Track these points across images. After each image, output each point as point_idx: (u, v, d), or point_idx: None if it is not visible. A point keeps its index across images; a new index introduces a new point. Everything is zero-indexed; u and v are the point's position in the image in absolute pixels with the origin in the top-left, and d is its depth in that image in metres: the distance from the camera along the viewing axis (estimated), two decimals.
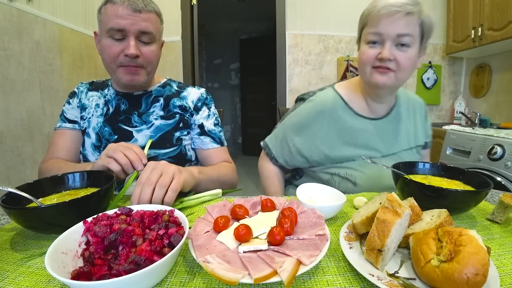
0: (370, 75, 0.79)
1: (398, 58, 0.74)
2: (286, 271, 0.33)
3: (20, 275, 0.39)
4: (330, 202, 0.58)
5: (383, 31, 0.74)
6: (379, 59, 0.75)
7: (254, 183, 3.58)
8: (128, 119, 0.89)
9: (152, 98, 0.92)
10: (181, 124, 0.91)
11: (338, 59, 2.56)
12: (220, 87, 5.30)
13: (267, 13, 3.88)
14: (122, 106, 0.90)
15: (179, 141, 0.90)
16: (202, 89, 1.00)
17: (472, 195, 0.52)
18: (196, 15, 2.51)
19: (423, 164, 0.69)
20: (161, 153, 0.87)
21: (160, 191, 0.57)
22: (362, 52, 0.80)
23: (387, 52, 0.74)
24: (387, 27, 0.73)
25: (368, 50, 0.78)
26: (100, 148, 0.88)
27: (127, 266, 0.34)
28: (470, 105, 2.53)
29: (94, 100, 0.92)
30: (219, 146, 0.96)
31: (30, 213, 0.46)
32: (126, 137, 0.87)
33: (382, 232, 0.37)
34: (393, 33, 0.73)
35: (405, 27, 0.73)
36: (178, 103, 0.92)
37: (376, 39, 0.76)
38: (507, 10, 1.77)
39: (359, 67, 0.84)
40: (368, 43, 0.78)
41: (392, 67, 0.75)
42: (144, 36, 0.79)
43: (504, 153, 1.50)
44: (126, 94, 0.91)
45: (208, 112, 0.96)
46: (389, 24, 0.73)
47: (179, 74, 2.53)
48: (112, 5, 0.76)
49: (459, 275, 0.31)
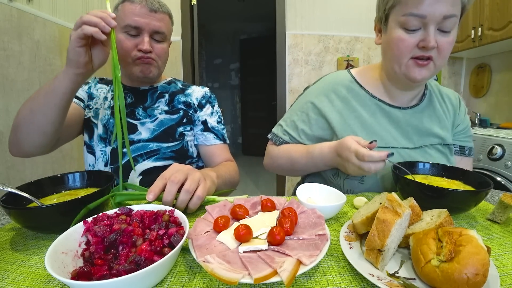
0: (407, 68, 0.67)
1: (440, 44, 0.63)
2: (286, 271, 0.33)
3: (20, 275, 0.39)
4: (330, 202, 0.57)
5: (427, 12, 0.60)
6: (421, 47, 0.63)
7: (254, 183, 3.58)
8: (132, 112, 0.90)
9: (157, 93, 0.94)
10: (184, 119, 0.93)
11: (338, 59, 2.56)
12: (220, 87, 5.30)
13: (267, 13, 3.88)
14: (128, 99, 0.92)
15: (182, 136, 0.92)
16: (206, 88, 1.02)
17: (472, 195, 0.52)
18: (196, 15, 2.51)
19: (423, 164, 0.69)
20: (164, 146, 0.89)
21: (186, 196, 0.55)
22: (398, 39, 0.66)
23: (433, 40, 0.62)
24: (432, 8, 0.60)
25: (407, 37, 0.64)
26: (105, 140, 0.89)
27: (127, 266, 0.34)
28: (470, 105, 2.53)
29: (103, 92, 0.94)
30: (222, 143, 0.97)
31: (30, 213, 0.46)
32: (130, 130, 0.89)
33: (382, 232, 0.37)
34: (439, 14, 0.60)
35: (452, 6, 0.60)
36: (183, 99, 0.95)
37: (417, 22, 0.63)
38: (507, 10, 1.77)
39: (390, 57, 0.70)
40: (405, 27, 0.64)
41: (433, 55, 0.64)
42: (157, 35, 0.84)
43: (504, 153, 1.50)
44: (132, 89, 0.93)
45: (212, 110, 0.98)
46: (435, 3, 0.60)
47: (179, 74, 2.53)
48: (130, 3, 0.81)
49: (459, 275, 0.31)
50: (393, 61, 0.70)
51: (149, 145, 0.88)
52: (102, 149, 0.89)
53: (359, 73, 0.83)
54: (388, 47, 0.70)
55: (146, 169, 0.87)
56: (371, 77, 0.81)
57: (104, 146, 0.88)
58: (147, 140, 0.89)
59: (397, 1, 0.65)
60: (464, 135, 0.85)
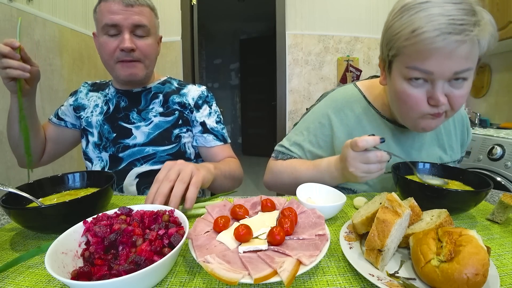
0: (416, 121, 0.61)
1: (452, 98, 0.56)
2: (286, 271, 0.33)
3: (20, 275, 0.39)
4: (330, 202, 0.57)
5: (434, 69, 0.53)
6: (432, 105, 0.57)
7: (254, 183, 3.58)
8: (127, 116, 0.89)
9: (151, 94, 0.92)
10: (180, 121, 0.91)
11: (338, 59, 2.56)
12: (220, 87, 5.30)
13: (267, 13, 3.89)
14: (122, 103, 0.90)
15: (178, 139, 0.90)
16: (203, 87, 0.98)
17: (472, 195, 0.52)
18: (196, 15, 2.51)
19: (423, 164, 0.69)
20: (160, 150, 0.88)
21: (181, 185, 0.55)
22: (404, 93, 0.59)
23: (442, 97, 0.54)
24: (440, 65, 0.52)
25: (413, 93, 0.57)
26: (100, 146, 0.89)
27: (127, 266, 0.34)
28: (470, 105, 2.53)
29: (93, 100, 0.93)
30: (222, 143, 0.95)
31: (30, 213, 0.46)
32: (124, 135, 0.88)
33: (382, 232, 0.37)
34: (449, 71, 0.52)
35: (465, 61, 0.52)
36: (177, 100, 0.92)
37: (423, 77, 0.55)
38: (507, 10, 1.77)
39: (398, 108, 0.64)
40: (410, 79, 0.57)
41: (445, 109, 0.58)
42: (138, 29, 0.80)
43: (504, 153, 1.50)
44: (125, 92, 0.91)
45: (210, 110, 0.95)
46: (444, 59, 0.51)
47: (179, 74, 2.53)
48: (105, 2, 0.78)
49: (459, 275, 0.31)
50: (402, 114, 0.64)
51: (145, 149, 0.87)
52: (98, 155, 0.89)
53: (367, 89, 0.78)
54: (395, 99, 0.63)
55: (143, 172, 0.87)
56: (379, 95, 0.76)
57: (99, 153, 0.88)
58: (142, 144, 0.87)
59: (401, 51, 0.56)
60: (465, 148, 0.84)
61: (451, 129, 0.79)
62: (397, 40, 0.56)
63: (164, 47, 2.51)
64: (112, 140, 0.88)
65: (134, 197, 0.70)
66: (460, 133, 0.82)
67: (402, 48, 0.56)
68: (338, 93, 0.79)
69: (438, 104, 0.55)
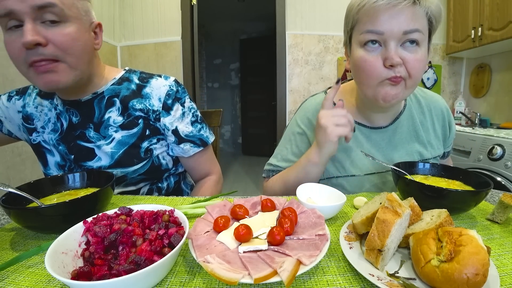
0: (376, 89, 0.63)
1: (407, 62, 0.59)
2: (286, 271, 0.33)
3: (20, 275, 0.39)
4: (330, 202, 0.58)
5: (384, 28, 0.57)
6: (389, 66, 0.59)
7: (254, 183, 3.58)
8: (83, 134, 0.73)
9: (105, 101, 0.73)
10: (147, 131, 0.75)
11: (338, 59, 2.56)
12: (220, 87, 5.30)
13: (267, 13, 3.89)
14: (74, 118, 0.73)
15: (149, 153, 0.76)
16: (171, 78, 0.79)
17: (472, 195, 0.52)
18: (196, 15, 2.51)
19: (423, 164, 0.69)
20: (130, 171, 0.74)
21: None
22: (360, 59, 0.62)
23: (395, 55, 0.58)
24: (388, 23, 0.57)
25: (369, 57, 0.60)
26: (64, 167, 0.76)
27: (127, 266, 0.34)
28: (470, 105, 2.53)
29: (44, 112, 0.76)
30: (202, 148, 0.83)
31: (30, 213, 0.46)
32: (86, 156, 0.74)
33: (382, 232, 0.37)
34: (398, 30, 0.57)
35: (411, 21, 0.57)
36: (139, 106, 0.74)
37: (376, 39, 0.59)
38: (507, 10, 1.77)
39: (359, 80, 0.67)
40: (365, 44, 0.61)
41: (402, 73, 0.59)
42: (46, 13, 0.57)
43: (504, 153, 1.50)
44: (73, 103, 0.72)
45: (182, 109, 0.79)
46: (391, 18, 0.57)
47: (179, 74, 2.53)
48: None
49: (459, 275, 0.31)
50: (362, 84, 0.66)
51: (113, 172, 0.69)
52: None
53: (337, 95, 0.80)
54: (355, 70, 0.66)
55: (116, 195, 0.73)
56: (347, 102, 0.78)
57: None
58: (108, 167, 0.73)
59: (356, 20, 0.62)
60: (449, 143, 0.84)
61: (428, 126, 0.80)
62: (351, 12, 0.64)
63: (164, 47, 2.52)
64: (74, 162, 0.74)
65: (134, 197, 0.70)
66: (441, 128, 0.81)
67: (356, 17, 0.62)
68: (309, 102, 0.83)
69: (392, 62, 0.58)
